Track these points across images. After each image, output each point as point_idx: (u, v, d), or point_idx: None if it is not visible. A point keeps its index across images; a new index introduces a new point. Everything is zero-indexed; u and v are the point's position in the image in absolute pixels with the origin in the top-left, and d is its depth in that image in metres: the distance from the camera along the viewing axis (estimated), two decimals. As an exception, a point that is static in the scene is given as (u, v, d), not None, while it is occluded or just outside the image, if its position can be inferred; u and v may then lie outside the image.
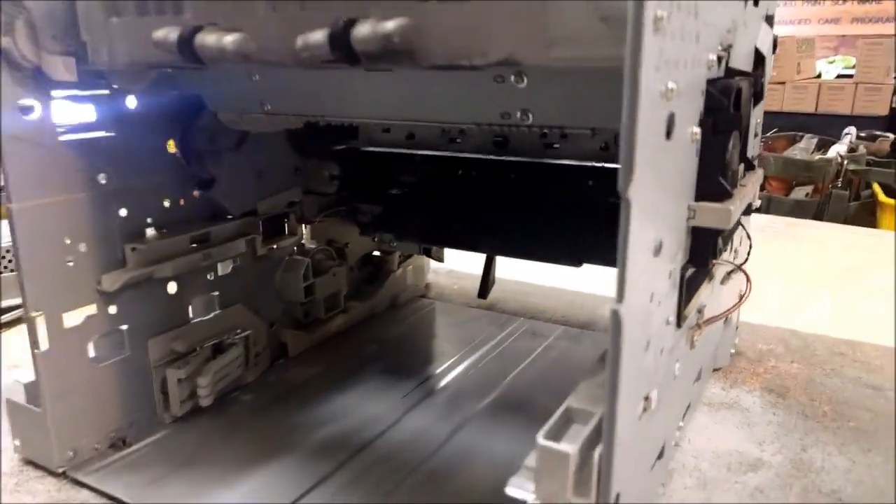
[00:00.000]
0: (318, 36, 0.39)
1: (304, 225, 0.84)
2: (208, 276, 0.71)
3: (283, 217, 0.80)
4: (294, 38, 0.42)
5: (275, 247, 0.78)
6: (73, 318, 0.60)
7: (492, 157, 0.73)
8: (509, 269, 0.95)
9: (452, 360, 0.81)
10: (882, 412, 0.72)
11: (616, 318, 0.32)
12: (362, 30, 0.38)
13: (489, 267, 0.81)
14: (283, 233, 0.81)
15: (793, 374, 0.79)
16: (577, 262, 0.69)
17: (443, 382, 0.76)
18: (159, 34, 0.46)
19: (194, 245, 0.68)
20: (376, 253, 0.96)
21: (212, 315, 0.72)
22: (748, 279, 0.54)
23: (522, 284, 1.07)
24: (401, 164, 0.78)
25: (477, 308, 0.99)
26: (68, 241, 0.58)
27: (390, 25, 0.37)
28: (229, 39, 0.43)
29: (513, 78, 0.46)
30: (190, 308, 0.70)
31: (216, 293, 0.72)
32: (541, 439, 0.36)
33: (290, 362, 0.82)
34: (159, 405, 0.68)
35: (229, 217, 0.73)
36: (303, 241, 0.86)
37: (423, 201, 0.78)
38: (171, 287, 0.68)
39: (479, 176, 0.75)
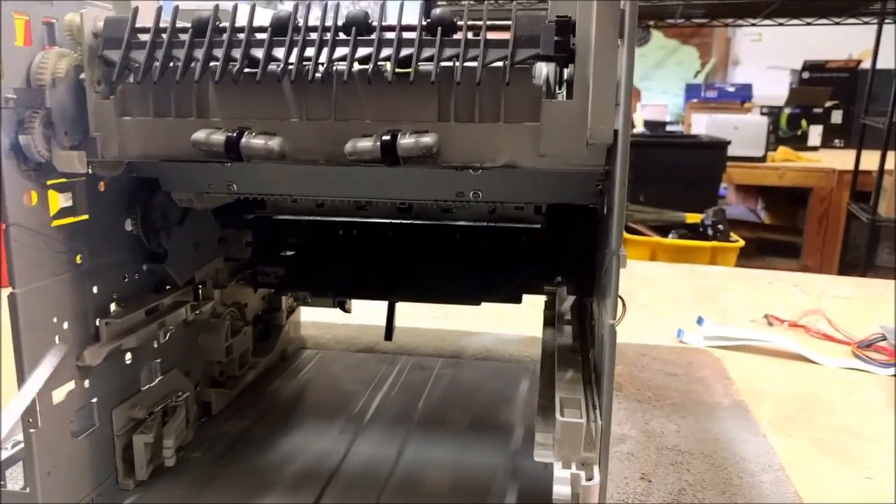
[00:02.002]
0: (367, 144, 0.53)
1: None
2: (154, 345, 0.76)
3: (200, 284, 0.86)
4: (326, 142, 0.55)
5: (199, 312, 0.84)
6: (58, 395, 0.62)
7: (400, 221, 0.88)
8: (369, 316, 1.11)
9: (365, 396, 0.93)
10: (682, 390, 1.00)
11: (613, 330, 0.51)
12: (407, 141, 0.52)
13: (392, 314, 0.96)
14: (198, 298, 0.86)
15: (619, 373, 1.05)
16: (476, 301, 0.87)
17: (368, 416, 0.88)
18: (200, 135, 0.55)
19: (147, 316, 0.73)
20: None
21: (156, 381, 0.76)
22: (623, 303, 0.76)
23: (381, 328, 1.21)
24: (314, 230, 0.90)
25: (358, 352, 1.12)
26: (55, 320, 0.61)
27: (429, 140, 0.52)
28: (274, 143, 0.54)
29: (471, 169, 0.62)
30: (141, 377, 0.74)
31: (158, 360, 0.77)
32: (560, 417, 0.52)
33: (216, 419, 0.87)
34: (121, 472, 0.70)
35: (167, 287, 0.78)
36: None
37: (336, 261, 0.90)
38: (128, 357, 0.71)
39: (389, 237, 0.89)
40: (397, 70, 0.52)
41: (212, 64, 0.54)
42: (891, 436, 0.90)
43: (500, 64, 0.51)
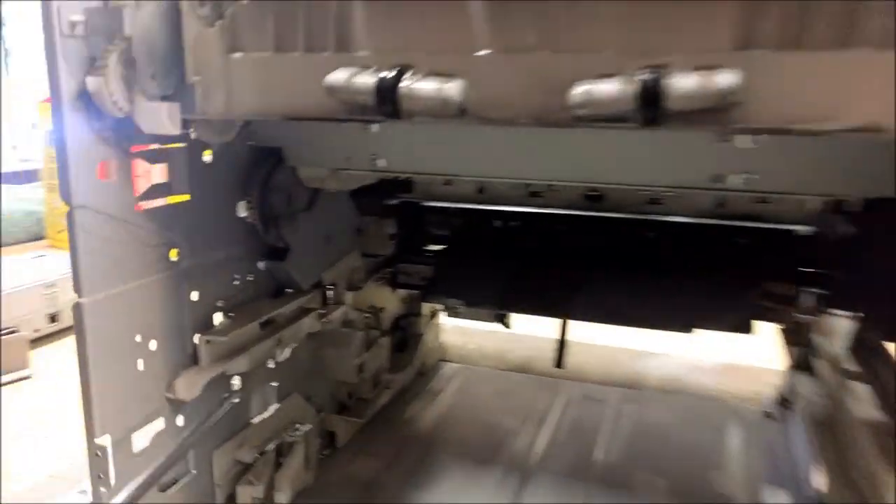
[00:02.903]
0: (611, 88, 0.31)
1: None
2: (270, 365, 0.58)
3: (330, 285, 0.68)
4: (535, 88, 0.34)
5: (327, 321, 0.66)
6: (141, 439, 0.46)
7: (584, 213, 0.66)
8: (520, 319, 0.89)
9: (525, 436, 0.73)
10: None
11: None
12: (687, 83, 0.30)
13: (564, 334, 0.74)
14: (326, 303, 0.69)
15: None
16: (687, 329, 0.64)
17: (531, 463, 0.67)
18: (338, 77, 0.36)
19: (262, 330, 0.56)
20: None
21: (271, 410, 0.59)
22: None
23: (538, 340, 0.99)
24: (473, 220, 0.69)
25: (508, 370, 0.91)
26: (139, 340, 0.45)
27: (729, 79, 0.30)
28: (452, 89, 0.34)
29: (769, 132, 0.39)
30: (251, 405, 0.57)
31: (275, 383, 0.60)
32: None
33: (342, 454, 0.69)
34: (223, 532, 0.54)
35: (288, 291, 0.60)
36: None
37: (496, 262, 0.70)
38: (236, 382, 0.54)
39: (568, 233, 0.67)
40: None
41: (360, -34, 0.35)
42: None
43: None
